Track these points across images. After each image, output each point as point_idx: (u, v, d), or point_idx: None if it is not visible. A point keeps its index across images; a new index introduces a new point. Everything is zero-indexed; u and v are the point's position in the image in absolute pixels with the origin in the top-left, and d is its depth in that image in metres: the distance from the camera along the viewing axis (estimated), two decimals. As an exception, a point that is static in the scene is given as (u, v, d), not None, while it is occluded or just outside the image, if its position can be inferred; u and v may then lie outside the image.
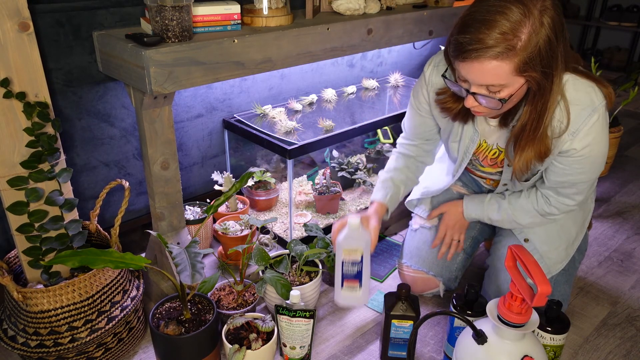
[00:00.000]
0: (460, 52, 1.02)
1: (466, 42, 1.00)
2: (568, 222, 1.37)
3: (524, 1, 0.98)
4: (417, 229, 1.54)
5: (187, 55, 1.19)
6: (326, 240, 1.51)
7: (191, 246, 1.14)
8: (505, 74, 1.01)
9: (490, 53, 0.99)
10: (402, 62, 2.34)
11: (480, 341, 1.00)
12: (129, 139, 1.58)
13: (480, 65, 1.01)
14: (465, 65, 1.03)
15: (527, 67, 1.00)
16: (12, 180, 1.13)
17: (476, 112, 1.15)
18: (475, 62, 1.01)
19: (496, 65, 1.00)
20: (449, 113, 1.26)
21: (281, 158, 1.97)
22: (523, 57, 0.99)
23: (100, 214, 1.58)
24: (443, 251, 1.46)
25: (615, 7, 3.77)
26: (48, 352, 1.17)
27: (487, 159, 1.35)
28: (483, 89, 1.06)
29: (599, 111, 1.11)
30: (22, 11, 1.07)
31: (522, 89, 1.06)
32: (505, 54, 0.98)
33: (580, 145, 1.13)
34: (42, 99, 1.15)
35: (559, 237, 1.36)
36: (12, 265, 1.30)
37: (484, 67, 1.01)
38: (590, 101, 1.11)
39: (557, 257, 1.35)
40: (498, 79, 1.02)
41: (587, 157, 1.15)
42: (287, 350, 1.27)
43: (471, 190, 1.56)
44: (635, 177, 2.38)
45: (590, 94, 1.11)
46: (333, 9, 1.61)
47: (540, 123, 1.10)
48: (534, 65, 1.00)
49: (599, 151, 1.16)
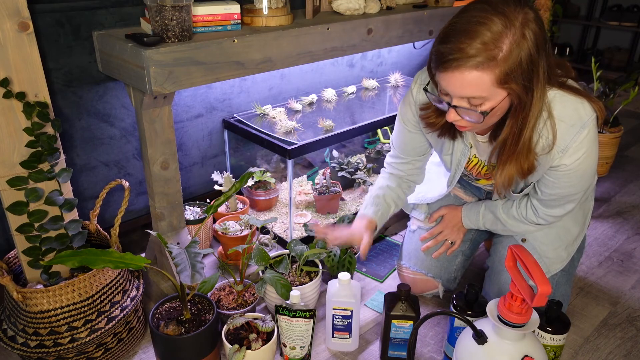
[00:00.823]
0: (441, 62, 1.01)
1: (447, 51, 0.99)
2: (569, 223, 1.37)
3: (506, 13, 0.97)
4: (416, 230, 1.54)
5: (187, 55, 1.19)
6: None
7: (191, 246, 1.13)
8: (485, 85, 0.99)
9: (471, 63, 0.97)
10: (402, 62, 2.34)
11: (480, 341, 0.99)
12: (129, 139, 1.58)
13: (461, 76, 0.99)
14: (446, 76, 1.02)
15: (508, 79, 0.99)
16: (12, 180, 1.13)
17: (459, 126, 1.12)
18: (456, 72, 0.99)
19: (477, 76, 0.98)
20: (433, 129, 1.24)
21: (281, 158, 1.97)
22: (504, 68, 0.97)
23: (100, 214, 1.58)
24: (429, 245, 1.46)
25: (615, 7, 3.77)
26: (48, 352, 1.17)
27: (481, 173, 1.34)
28: (464, 101, 1.04)
29: (588, 126, 1.09)
30: (22, 11, 1.07)
31: (504, 102, 1.04)
32: (486, 64, 0.97)
33: (570, 160, 1.12)
34: (42, 99, 1.15)
35: (559, 237, 1.36)
36: (11, 265, 1.30)
37: (465, 77, 0.99)
38: (579, 117, 1.09)
39: (557, 257, 1.35)
40: (479, 90, 1.00)
41: (575, 171, 1.14)
42: (287, 350, 1.27)
43: (470, 193, 1.56)
44: (635, 177, 2.38)
45: (579, 110, 1.10)
46: (333, 9, 1.61)
47: (520, 137, 1.08)
48: (515, 78, 0.99)
49: (587, 165, 1.14)
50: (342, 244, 1.39)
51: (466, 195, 1.55)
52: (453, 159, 1.34)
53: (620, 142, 2.41)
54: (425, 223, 1.53)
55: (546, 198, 1.24)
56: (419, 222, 1.55)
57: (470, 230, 1.51)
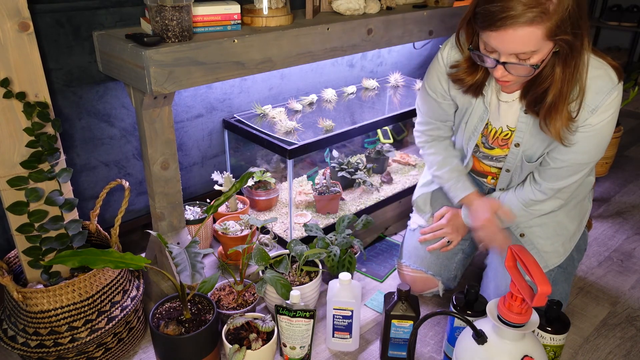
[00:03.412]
0: (491, 21, 1.03)
1: (498, 10, 1.01)
2: (564, 219, 1.38)
3: None
4: (416, 229, 1.55)
5: (187, 55, 1.19)
6: (326, 241, 1.51)
7: (191, 246, 1.14)
8: (537, 39, 1.02)
9: (524, 19, 0.99)
10: (402, 62, 2.34)
11: (480, 341, 1.00)
12: (129, 139, 1.58)
13: (514, 32, 1.01)
14: (498, 35, 1.04)
15: (559, 31, 1.02)
16: (12, 180, 1.13)
17: (503, 82, 1.15)
18: (509, 30, 1.01)
19: (529, 32, 1.01)
20: (461, 85, 1.28)
21: (281, 158, 1.97)
22: (555, 20, 1.00)
23: (100, 214, 1.58)
24: (426, 238, 1.47)
25: (615, 7, 3.77)
26: (48, 352, 1.17)
27: (498, 139, 1.34)
28: (513, 57, 1.07)
29: (618, 88, 1.14)
30: (22, 11, 1.07)
31: (550, 54, 1.07)
32: (539, 18, 0.99)
33: (597, 120, 1.15)
34: (42, 99, 1.15)
35: (555, 232, 1.37)
36: (12, 265, 1.30)
37: (517, 34, 1.01)
38: (610, 79, 1.13)
39: (554, 251, 1.36)
40: (531, 45, 1.03)
41: (596, 135, 1.17)
42: (287, 350, 1.27)
43: None
44: (635, 177, 2.38)
45: (609, 72, 1.14)
46: (333, 9, 1.61)
47: (572, 85, 1.11)
48: (565, 28, 1.02)
49: (607, 131, 1.18)
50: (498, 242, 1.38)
51: None
52: (469, 125, 1.36)
53: (620, 142, 2.42)
54: (429, 222, 1.53)
55: (557, 166, 1.24)
56: (419, 220, 1.55)
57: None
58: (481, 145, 1.40)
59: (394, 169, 2.16)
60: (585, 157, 1.22)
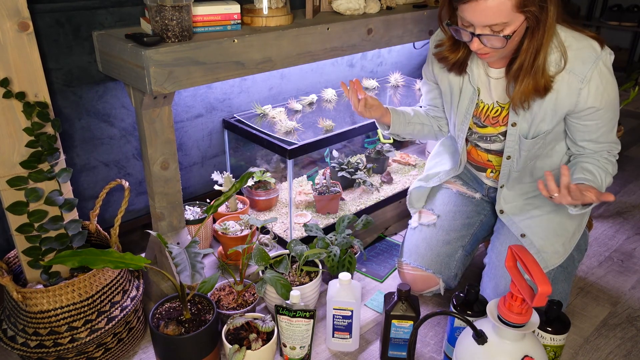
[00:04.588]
0: None
1: None
2: (564, 219, 1.39)
3: None
4: (416, 227, 1.55)
5: (187, 55, 1.19)
6: (326, 241, 1.50)
7: (191, 246, 1.13)
8: (507, 10, 1.10)
9: None
10: (402, 62, 2.34)
11: (480, 341, 0.99)
12: (128, 139, 1.58)
13: (486, 4, 1.10)
14: (470, 7, 1.12)
15: (527, 2, 1.10)
16: (12, 180, 1.13)
17: (482, 54, 1.22)
18: (481, 2, 1.10)
19: (500, 3, 1.09)
20: (445, 63, 1.36)
21: (281, 158, 1.97)
22: None
23: (100, 214, 1.58)
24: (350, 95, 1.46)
25: (615, 7, 3.77)
26: (48, 352, 1.17)
27: (490, 117, 1.37)
28: (487, 29, 1.15)
29: (603, 56, 1.20)
30: (22, 11, 1.07)
31: (522, 26, 1.15)
32: None
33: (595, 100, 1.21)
34: (41, 98, 1.15)
35: (556, 233, 1.37)
36: (11, 265, 1.30)
37: (488, 5, 1.10)
38: (594, 49, 1.20)
39: (554, 251, 1.36)
40: (501, 16, 1.11)
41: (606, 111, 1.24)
42: (287, 350, 1.27)
43: (472, 189, 1.58)
44: (635, 177, 2.38)
45: (591, 44, 1.21)
46: (333, 9, 1.61)
47: (537, 56, 1.18)
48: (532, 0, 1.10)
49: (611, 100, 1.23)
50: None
51: (468, 190, 1.57)
52: (460, 108, 1.41)
53: (620, 142, 2.41)
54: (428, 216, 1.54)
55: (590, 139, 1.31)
56: (422, 218, 1.56)
57: (471, 225, 1.51)
58: (474, 126, 1.42)
59: (394, 169, 2.16)
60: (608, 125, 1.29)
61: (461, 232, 1.50)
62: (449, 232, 1.50)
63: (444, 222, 1.52)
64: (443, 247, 1.48)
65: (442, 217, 1.53)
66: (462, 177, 1.59)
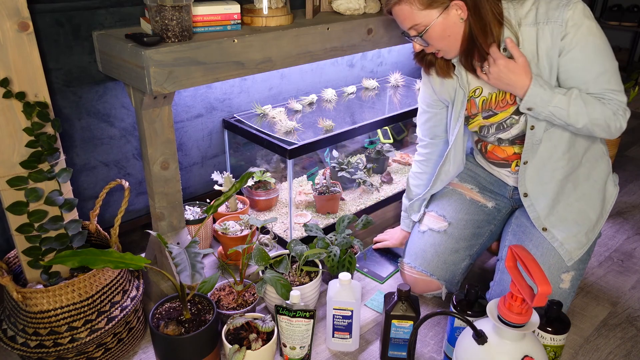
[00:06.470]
0: (385, 5, 1.26)
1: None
2: (585, 208, 1.36)
3: None
4: (425, 231, 1.53)
5: (187, 55, 1.19)
6: (326, 241, 1.50)
7: (191, 246, 1.13)
8: (415, 12, 1.20)
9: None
10: (402, 62, 2.34)
11: (480, 341, 0.99)
12: (128, 139, 1.58)
13: (399, 10, 1.22)
14: (394, 15, 1.25)
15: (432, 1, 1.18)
16: (12, 180, 1.13)
17: (437, 54, 1.31)
18: (393, 10, 1.24)
19: (405, 8, 1.21)
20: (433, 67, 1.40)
21: (281, 158, 1.97)
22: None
23: (100, 214, 1.58)
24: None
25: (615, 7, 3.77)
26: (48, 353, 1.17)
27: (499, 102, 1.35)
28: (413, 31, 1.25)
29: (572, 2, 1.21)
30: (22, 11, 1.07)
31: (446, 19, 1.21)
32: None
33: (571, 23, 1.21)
34: (41, 98, 1.15)
35: (577, 223, 1.35)
36: (11, 265, 1.30)
37: (398, 13, 1.23)
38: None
39: (577, 243, 1.34)
40: (413, 19, 1.22)
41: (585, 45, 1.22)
42: (287, 350, 1.27)
43: (487, 196, 1.54)
44: (635, 177, 2.38)
45: None
46: (333, 9, 1.61)
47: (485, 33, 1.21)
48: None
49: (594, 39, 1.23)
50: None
51: (482, 198, 1.54)
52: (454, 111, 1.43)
53: (620, 142, 2.42)
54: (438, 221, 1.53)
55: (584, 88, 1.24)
56: (431, 223, 1.53)
57: (480, 236, 1.50)
58: (486, 121, 1.39)
59: (394, 169, 2.16)
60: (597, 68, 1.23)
61: (470, 241, 1.49)
62: (459, 241, 1.48)
63: (455, 230, 1.49)
64: (450, 255, 1.47)
65: (452, 224, 1.50)
66: (480, 181, 1.55)
